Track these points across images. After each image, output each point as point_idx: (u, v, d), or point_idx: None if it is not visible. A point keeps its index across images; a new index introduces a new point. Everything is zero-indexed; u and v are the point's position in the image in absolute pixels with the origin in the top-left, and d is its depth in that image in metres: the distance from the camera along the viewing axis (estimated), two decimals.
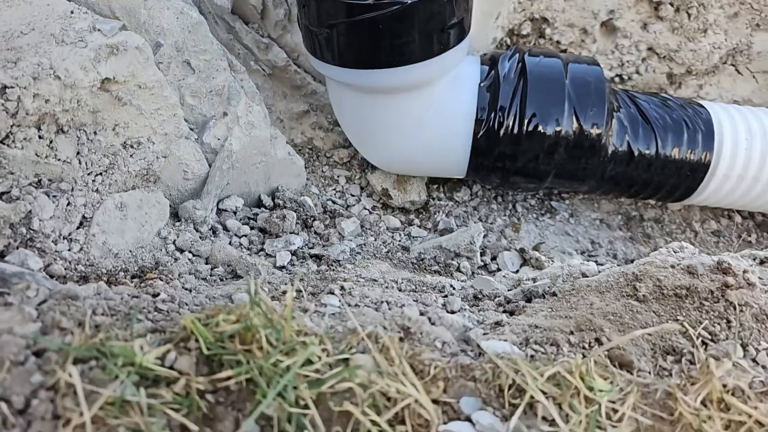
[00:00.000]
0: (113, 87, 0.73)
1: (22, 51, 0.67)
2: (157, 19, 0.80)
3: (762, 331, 0.58)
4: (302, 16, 0.86)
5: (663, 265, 0.64)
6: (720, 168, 1.04)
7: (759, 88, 1.26)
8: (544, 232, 1.09)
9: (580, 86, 0.95)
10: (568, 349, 0.54)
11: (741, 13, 1.17)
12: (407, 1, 0.78)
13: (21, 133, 0.67)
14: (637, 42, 1.18)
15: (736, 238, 1.16)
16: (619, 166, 1.01)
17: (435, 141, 0.98)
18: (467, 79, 0.96)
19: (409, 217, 1.09)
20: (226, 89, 0.89)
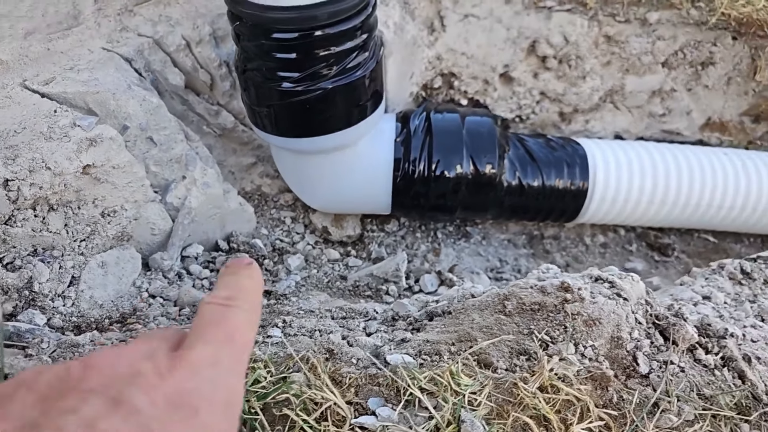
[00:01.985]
0: (92, 170, 0.90)
1: (18, 149, 0.84)
2: (124, 108, 0.98)
3: (589, 332, 0.80)
4: (245, 96, 1.05)
5: (525, 286, 0.86)
6: (596, 193, 1.27)
7: (634, 121, 1.52)
8: (461, 254, 1.31)
9: (474, 136, 1.17)
10: (448, 356, 0.75)
11: (612, 62, 1.41)
12: (329, 87, 0.98)
13: (20, 214, 0.84)
14: (530, 88, 1.42)
15: (619, 249, 1.41)
16: (514, 197, 1.24)
17: (362, 187, 1.18)
18: (385, 135, 1.17)
19: (347, 249, 1.28)
20: (184, 157, 1.07)
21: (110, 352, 0.24)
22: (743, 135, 1.60)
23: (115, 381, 0.22)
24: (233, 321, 0.26)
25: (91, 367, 0.23)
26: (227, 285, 0.28)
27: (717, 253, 1.46)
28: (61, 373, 0.23)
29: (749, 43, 1.43)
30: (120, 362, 0.23)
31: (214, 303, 0.27)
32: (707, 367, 0.84)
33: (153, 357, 0.23)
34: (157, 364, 0.23)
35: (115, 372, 0.23)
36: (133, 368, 0.23)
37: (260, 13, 0.89)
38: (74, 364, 0.23)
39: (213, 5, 1.13)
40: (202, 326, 0.26)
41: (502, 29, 1.32)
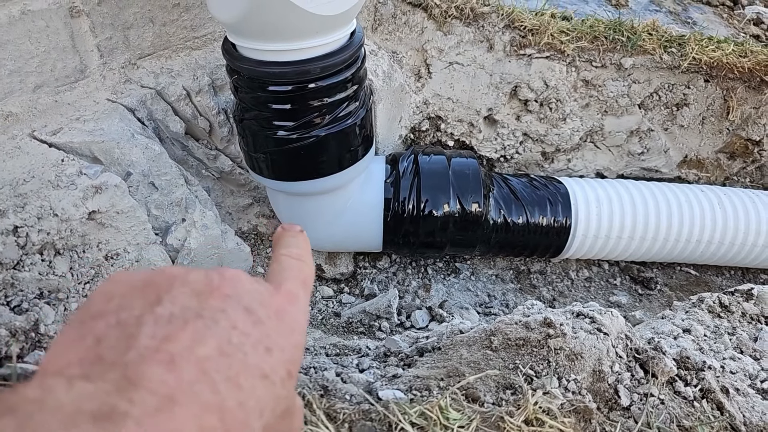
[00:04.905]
0: (97, 216, 0.95)
1: (27, 197, 0.89)
2: (127, 155, 1.03)
3: (572, 367, 0.84)
4: (242, 143, 1.11)
5: (510, 322, 0.90)
6: (579, 230, 1.33)
7: (614, 159, 1.59)
8: (450, 289, 1.35)
9: (460, 176, 1.23)
10: (437, 391, 0.79)
11: (591, 104, 1.49)
12: (322, 134, 1.03)
13: (28, 259, 0.88)
14: (513, 130, 1.49)
15: (604, 282, 1.46)
16: (500, 234, 1.29)
17: (354, 226, 1.23)
18: (375, 176, 1.23)
19: (340, 286, 1.33)
20: (184, 200, 1.12)
21: (237, 271, 0.31)
22: (720, 171, 1.67)
23: (244, 293, 0.28)
24: (305, 271, 0.33)
25: (226, 278, 0.29)
26: (294, 244, 0.35)
27: (699, 286, 1.51)
28: (204, 276, 0.29)
29: (721, 85, 1.52)
30: (244, 279, 0.30)
31: (289, 256, 0.33)
32: (686, 399, 0.88)
33: (260, 282, 0.30)
34: (266, 288, 0.30)
35: (243, 287, 0.29)
36: (253, 286, 0.29)
37: (256, 68, 0.95)
38: (212, 273, 0.29)
39: (212, 57, 1.19)
40: (284, 270, 0.32)
41: (485, 75, 1.39)
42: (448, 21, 1.35)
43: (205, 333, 0.26)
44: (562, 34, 1.39)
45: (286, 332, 0.29)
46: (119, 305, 0.27)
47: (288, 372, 0.28)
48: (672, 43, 1.45)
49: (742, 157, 1.63)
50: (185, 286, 0.28)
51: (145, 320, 0.26)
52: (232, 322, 0.27)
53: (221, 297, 0.28)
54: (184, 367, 0.24)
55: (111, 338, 0.25)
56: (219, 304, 0.27)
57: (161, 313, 0.26)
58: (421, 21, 1.36)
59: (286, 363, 0.28)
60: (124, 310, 0.26)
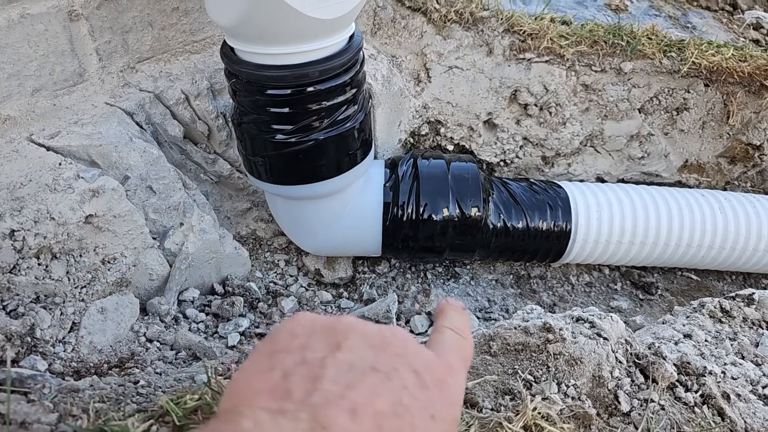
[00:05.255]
0: (94, 220, 0.94)
1: (24, 200, 0.89)
2: (125, 159, 1.03)
3: (571, 372, 0.83)
4: (240, 147, 1.10)
5: (509, 327, 0.90)
6: (579, 234, 1.32)
7: (615, 163, 1.58)
8: (450, 294, 1.35)
9: (460, 180, 1.22)
10: None
11: (591, 108, 1.49)
12: (320, 138, 1.03)
13: (24, 263, 0.88)
14: (513, 134, 1.48)
15: (604, 288, 1.45)
16: (500, 238, 1.28)
17: (353, 230, 1.23)
18: (375, 180, 1.22)
19: (339, 291, 1.32)
20: (182, 204, 1.11)
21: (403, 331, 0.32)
22: (720, 176, 1.66)
23: (412, 355, 0.30)
24: (466, 349, 0.35)
25: (397, 337, 0.31)
26: (457, 319, 0.36)
27: (700, 291, 1.50)
28: (379, 331, 0.31)
29: (720, 89, 1.51)
30: (410, 340, 0.31)
31: (452, 330, 0.35)
32: (687, 405, 0.88)
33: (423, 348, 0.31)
34: (430, 354, 0.31)
35: (412, 347, 0.30)
36: (420, 349, 0.31)
37: (255, 72, 0.95)
38: (385, 329, 0.31)
39: (211, 61, 1.19)
40: (446, 343, 0.34)
41: (485, 79, 1.39)
42: (447, 25, 1.35)
43: (380, 388, 0.27)
44: (562, 39, 1.38)
45: (447, 403, 0.30)
46: (303, 345, 0.29)
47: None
48: (672, 47, 1.45)
49: (742, 162, 1.63)
50: (362, 337, 0.30)
51: (327, 363, 0.28)
52: (403, 381, 0.28)
53: (393, 354, 0.30)
54: (364, 419, 0.26)
55: (297, 376, 0.27)
56: (391, 361, 0.29)
57: (342, 360, 0.28)
58: (421, 25, 1.36)
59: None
60: (307, 350, 0.29)
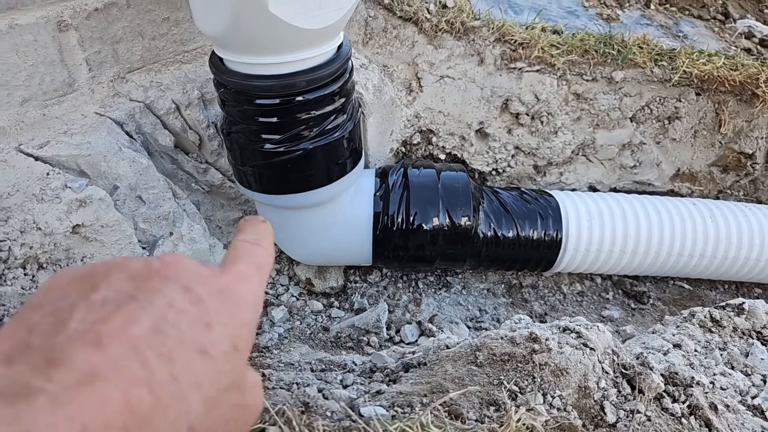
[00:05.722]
0: (82, 230, 0.94)
1: (11, 210, 0.89)
2: (114, 169, 1.03)
3: (557, 382, 0.83)
4: (230, 156, 1.11)
5: (496, 337, 0.90)
6: (570, 244, 1.32)
7: (607, 172, 1.58)
8: (441, 304, 1.34)
9: (450, 190, 1.22)
10: (420, 407, 0.78)
11: (582, 117, 1.49)
12: (309, 147, 1.03)
13: (11, 273, 0.88)
14: (505, 143, 1.49)
15: (596, 297, 1.45)
16: (490, 248, 1.28)
17: (343, 240, 1.23)
18: (365, 190, 1.22)
19: (330, 300, 1.32)
20: (172, 214, 1.12)
21: (179, 255, 0.31)
22: (713, 185, 1.66)
23: (184, 275, 0.29)
24: (260, 254, 0.34)
25: (166, 263, 0.30)
26: (251, 231, 0.35)
27: (692, 300, 1.50)
28: (145, 262, 0.30)
29: (712, 98, 1.52)
30: (186, 262, 0.30)
31: (245, 241, 0.34)
32: (674, 416, 0.87)
33: (207, 265, 0.31)
34: (210, 269, 0.31)
35: (184, 269, 0.30)
36: (196, 268, 0.30)
37: (243, 81, 0.95)
38: (154, 259, 0.30)
39: (202, 71, 1.20)
40: (237, 253, 0.33)
41: (476, 89, 1.40)
42: (438, 35, 1.36)
43: (138, 313, 0.26)
44: (553, 48, 1.39)
45: (230, 309, 0.29)
46: (57, 296, 0.27)
47: (233, 346, 0.28)
48: (663, 56, 1.46)
49: (735, 171, 1.63)
50: (123, 272, 0.28)
51: (78, 307, 0.26)
52: (168, 301, 0.27)
53: (159, 279, 0.28)
54: (112, 345, 0.24)
55: (42, 326, 0.25)
56: (156, 285, 0.28)
57: (95, 299, 0.26)
58: (412, 35, 1.37)
59: (230, 338, 0.28)
60: (60, 299, 0.27)
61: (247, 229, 0.36)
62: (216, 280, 0.30)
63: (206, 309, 0.28)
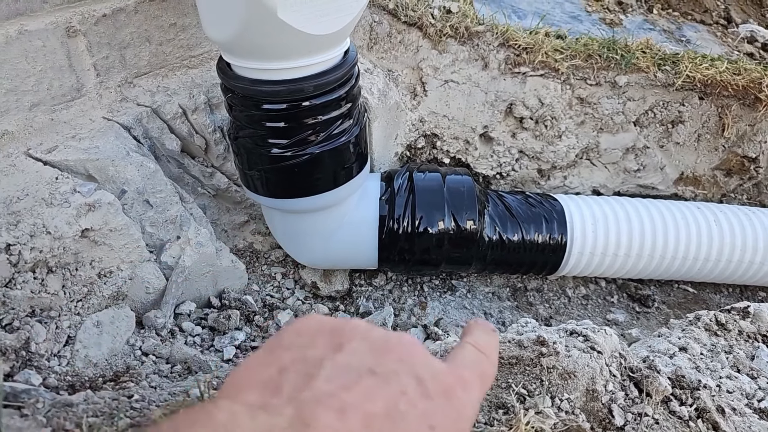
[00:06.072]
0: (91, 234, 0.95)
1: (20, 214, 0.89)
2: (122, 173, 1.03)
3: (565, 386, 0.83)
4: (237, 161, 1.11)
5: (503, 341, 0.90)
6: (575, 247, 1.33)
7: (611, 176, 1.59)
8: (447, 307, 1.35)
9: (455, 194, 1.23)
10: None
11: (586, 121, 1.50)
12: (316, 152, 1.04)
13: (20, 277, 0.88)
14: (509, 147, 1.49)
15: (601, 300, 1.45)
16: (496, 251, 1.28)
17: (349, 243, 1.23)
18: (371, 194, 1.23)
19: (335, 304, 1.32)
20: (179, 218, 1.12)
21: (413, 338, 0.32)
22: (717, 188, 1.67)
23: (417, 363, 0.30)
24: (486, 366, 0.34)
25: (403, 343, 0.30)
26: (481, 336, 0.35)
27: (696, 304, 1.50)
28: (385, 336, 0.30)
29: (715, 102, 1.52)
30: (419, 347, 0.31)
31: (474, 346, 0.34)
32: (681, 419, 0.87)
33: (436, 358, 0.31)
34: (440, 364, 0.31)
35: (418, 356, 0.30)
36: (428, 358, 0.30)
37: (250, 87, 0.96)
38: (393, 335, 0.31)
39: (208, 75, 1.20)
40: (464, 357, 0.33)
41: (481, 93, 1.40)
42: (443, 40, 1.37)
43: (376, 391, 0.27)
44: (557, 53, 1.40)
45: (452, 415, 0.29)
46: (306, 343, 0.29)
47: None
48: (666, 61, 1.46)
49: (738, 174, 1.64)
50: (365, 341, 0.30)
51: (325, 364, 0.28)
52: (402, 387, 0.28)
53: (396, 359, 0.29)
54: (352, 419, 0.25)
55: (292, 372, 0.27)
56: (393, 366, 0.29)
57: (340, 361, 0.28)
58: (417, 40, 1.37)
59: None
60: (309, 348, 0.29)
61: (477, 333, 0.36)
62: (444, 378, 0.30)
63: (433, 409, 0.28)
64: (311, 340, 0.29)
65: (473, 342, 0.34)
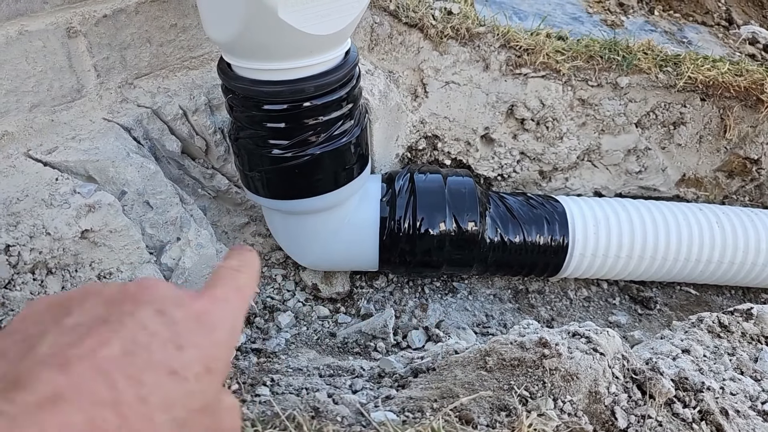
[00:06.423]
0: (90, 235, 0.94)
1: (20, 216, 0.89)
2: (122, 174, 1.03)
3: (567, 387, 0.83)
4: (237, 162, 1.11)
5: (505, 342, 0.89)
6: (576, 249, 1.32)
7: (612, 178, 1.58)
8: (448, 309, 1.34)
9: (456, 195, 1.22)
10: (430, 413, 0.78)
11: (588, 123, 1.49)
12: (317, 153, 1.03)
13: (20, 278, 0.88)
14: (510, 149, 1.49)
15: (603, 301, 1.44)
16: (497, 253, 1.28)
17: (350, 245, 1.23)
18: (371, 195, 1.23)
19: (336, 306, 1.32)
20: (179, 219, 1.12)
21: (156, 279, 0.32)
22: (719, 190, 1.66)
23: (159, 299, 0.29)
24: (241, 279, 0.34)
25: (142, 287, 0.30)
26: (236, 257, 0.36)
27: (699, 306, 1.49)
28: (121, 287, 0.30)
29: (717, 103, 1.52)
30: (162, 286, 0.31)
31: (226, 267, 0.34)
32: (685, 421, 0.87)
33: (185, 289, 0.31)
34: (188, 293, 0.31)
35: (160, 293, 0.30)
36: (172, 292, 0.30)
37: (251, 87, 0.96)
38: (131, 283, 0.31)
39: (208, 77, 1.20)
40: (218, 278, 0.33)
41: (482, 94, 1.40)
42: (444, 41, 1.36)
43: (109, 336, 0.26)
44: (558, 54, 1.39)
45: (204, 331, 0.29)
46: (31, 322, 0.27)
47: (206, 368, 0.28)
48: (667, 62, 1.46)
49: (740, 176, 1.63)
50: (98, 297, 0.29)
51: (49, 331, 0.26)
52: (140, 323, 0.27)
53: (133, 303, 0.28)
54: (78, 368, 0.24)
55: (12, 352, 0.25)
56: (129, 308, 0.28)
57: (67, 323, 0.27)
58: (417, 41, 1.37)
59: (204, 359, 0.28)
60: (33, 326, 0.27)
61: (233, 256, 0.36)
62: (192, 303, 0.30)
63: (179, 331, 0.28)
64: (37, 319, 0.28)
65: (225, 264, 0.34)
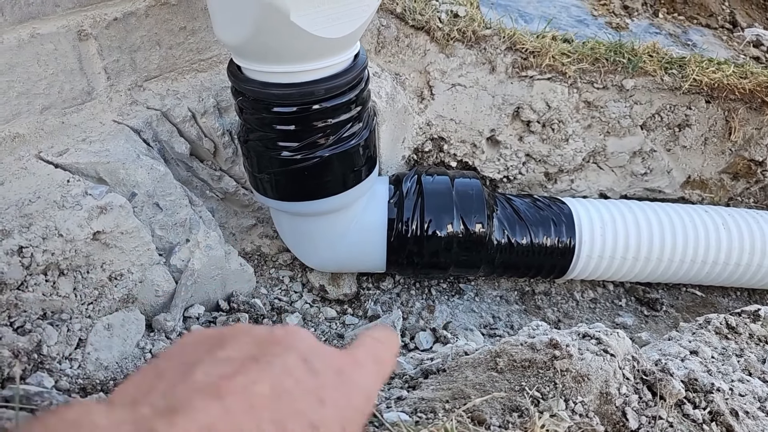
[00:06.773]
0: (102, 236, 0.95)
1: (32, 217, 0.89)
2: (132, 176, 1.03)
3: (579, 389, 0.83)
4: (246, 163, 1.11)
5: (515, 344, 0.90)
6: (583, 251, 1.32)
7: (618, 179, 1.59)
8: (455, 311, 1.34)
9: (464, 197, 1.23)
10: (443, 413, 0.78)
11: (593, 125, 1.50)
12: (326, 155, 1.04)
13: (32, 279, 0.88)
14: (516, 151, 1.49)
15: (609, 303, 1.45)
16: (504, 254, 1.28)
17: (357, 247, 1.23)
18: (379, 197, 1.23)
19: (343, 307, 1.32)
20: (188, 221, 1.12)
21: (300, 328, 0.32)
22: (723, 192, 1.67)
23: (304, 347, 0.30)
24: (381, 351, 0.34)
25: (289, 332, 0.31)
26: (380, 332, 0.36)
27: (705, 307, 1.50)
28: (270, 330, 0.31)
29: (722, 106, 1.52)
30: (306, 335, 0.31)
31: (370, 336, 0.35)
32: (695, 422, 0.87)
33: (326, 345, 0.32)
34: (331, 348, 0.31)
35: (306, 342, 0.30)
36: (316, 343, 0.31)
37: (261, 90, 0.96)
38: (278, 328, 0.32)
39: (217, 79, 1.21)
40: (360, 344, 0.34)
41: (488, 97, 1.41)
42: (450, 44, 1.37)
43: (259, 374, 0.27)
44: (564, 56, 1.40)
45: (344, 392, 0.29)
46: (188, 351, 0.29)
47: (342, 429, 0.28)
48: (672, 64, 1.46)
49: (745, 178, 1.63)
50: (248, 336, 0.30)
51: (203, 360, 0.27)
52: (286, 368, 0.28)
53: (281, 347, 0.29)
54: (232, 400, 0.25)
55: (169, 373, 0.26)
56: (277, 351, 0.28)
57: (220, 356, 0.28)
58: (424, 44, 1.38)
59: (342, 420, 0.28)
60: (190, 354, 0.28)
61: (377, 330, 0.36)
62: (334, 358, 0.30)
63: (322, 384, 0.28)
64: (194, 348, 0.29)
65: (370, 334, 0.35)
